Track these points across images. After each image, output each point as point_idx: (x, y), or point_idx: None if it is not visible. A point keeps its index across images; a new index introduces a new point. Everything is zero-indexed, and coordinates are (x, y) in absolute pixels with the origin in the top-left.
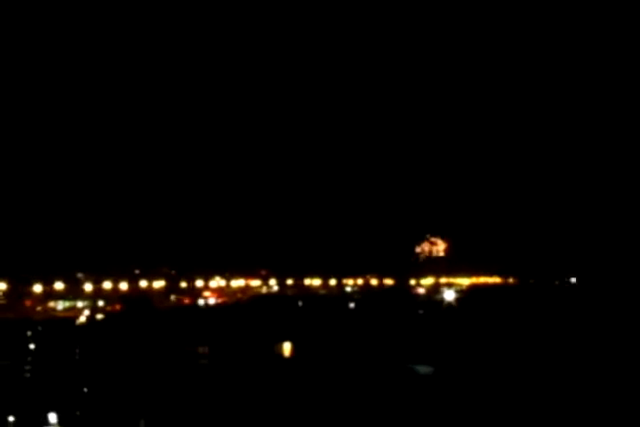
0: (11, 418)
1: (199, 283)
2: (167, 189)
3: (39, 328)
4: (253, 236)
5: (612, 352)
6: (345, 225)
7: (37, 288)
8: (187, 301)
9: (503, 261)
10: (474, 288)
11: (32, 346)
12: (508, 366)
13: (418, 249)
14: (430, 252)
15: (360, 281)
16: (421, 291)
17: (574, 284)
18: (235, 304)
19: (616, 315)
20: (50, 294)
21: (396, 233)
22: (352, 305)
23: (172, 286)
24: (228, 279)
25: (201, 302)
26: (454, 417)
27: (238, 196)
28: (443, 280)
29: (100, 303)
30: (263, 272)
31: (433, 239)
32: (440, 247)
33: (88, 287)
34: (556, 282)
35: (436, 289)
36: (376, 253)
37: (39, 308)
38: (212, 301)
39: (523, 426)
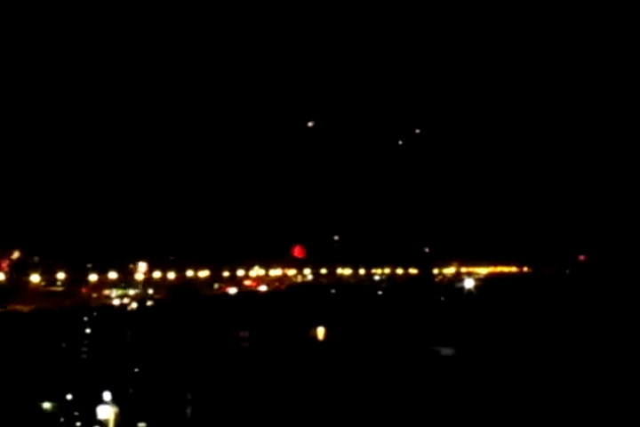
0: (69, 396)
1: (240, 272)
2: (209, 185)
3: (94, 314)
4: (290, 229)
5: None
6: (374, 220)
7: (93, 277)
8: (228, 289)
9: (519, 250)
10: (492, 277)
11: (88, 330)
12: (522, 347)
13: None
14: None
15: (387, 270)
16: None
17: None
18: (272, 292)
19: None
20: (104, 283)
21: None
22: (380, 293)
23: (215, 275)
24: (267, 269)
25: (231, 290)
26: (474, 393)
27: (275, 193)
28: (463, 270)
29: (150, 291)
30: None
31: None
32: None
33: (139, 276)
34: (567, 271)
35: (456, 278)
36: (403, 244)
37: (95, 295)
38: (232, 291)
39: (536, 405)
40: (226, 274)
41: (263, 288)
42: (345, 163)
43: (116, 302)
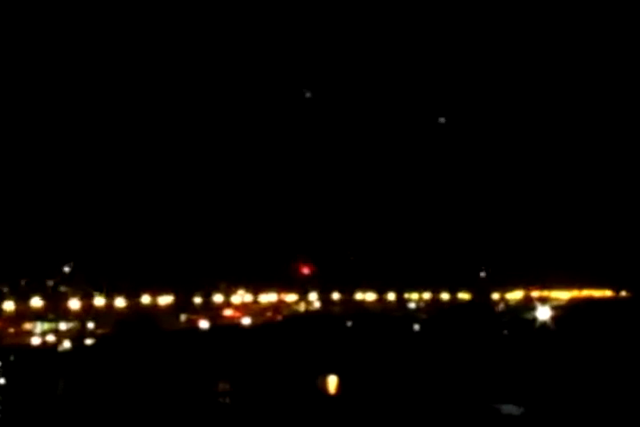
0: None
1: (218, 298)
2: (177, 178)
3: (11, 357)
4: (290, 238)
5: None
6: (406, 227)
7: (9, 305)
8: (200, 322)
9: (613, 268)
10: (576, 304)
11: (2, 380)
12: (618, 408)
13: None
14: None
15: (427, 295)
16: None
17: None
18: (264, 326)
19: None
20: (24, 313)
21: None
22: (417, 327)
23: (182, 303)
24: (256, 293)
25: (202, 324)
26: None
27: (269, 190)
28: (534, 294)
29: (90, 325)
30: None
31: None
32: None
33: (74, 305)
34: None
35: (526, 305)
36: (448, 259)
37: (11, 330)
38: (204, 324)
39: None
40: (198, 301)
41: (247, 321)
42: (366, 151)
43: (38, 340)
